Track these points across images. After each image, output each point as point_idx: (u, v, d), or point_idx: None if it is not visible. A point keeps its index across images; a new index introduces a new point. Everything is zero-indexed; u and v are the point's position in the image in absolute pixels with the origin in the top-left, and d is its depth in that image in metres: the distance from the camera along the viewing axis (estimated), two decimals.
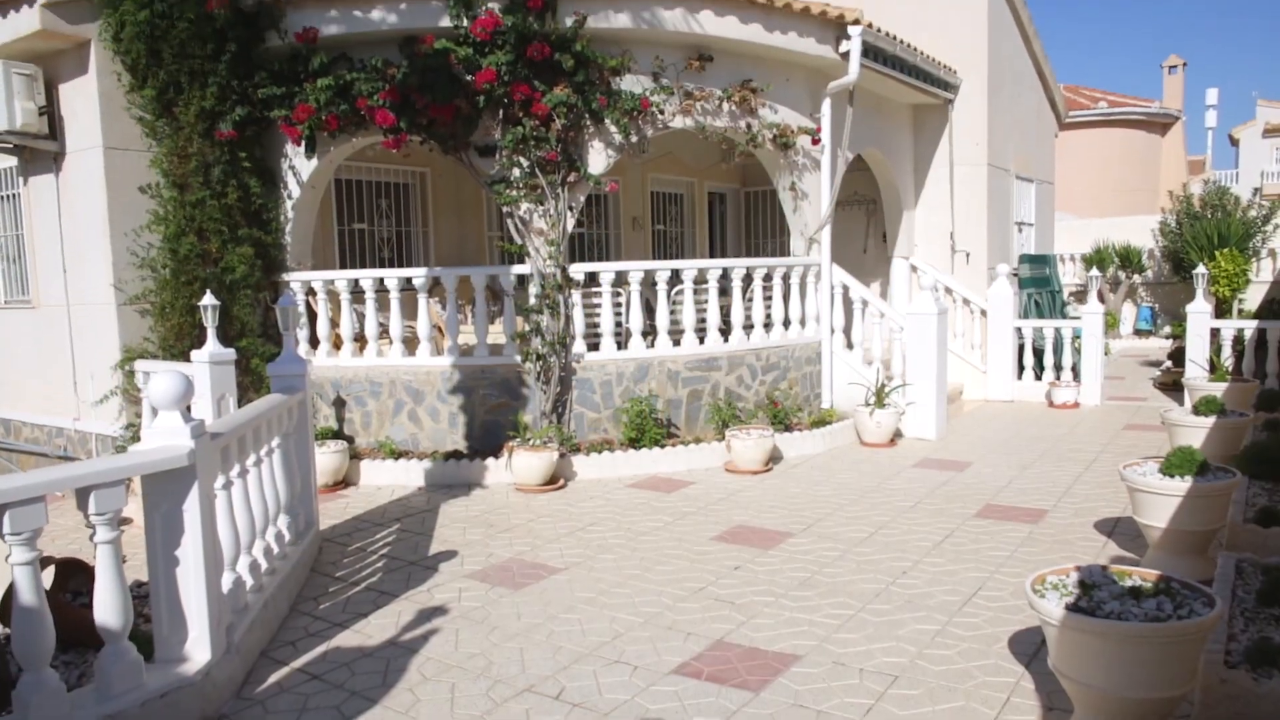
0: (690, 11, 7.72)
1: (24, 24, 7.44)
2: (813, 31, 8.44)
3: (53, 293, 8.52)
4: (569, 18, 7.38)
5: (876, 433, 8.47)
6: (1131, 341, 18.35)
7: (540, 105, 7.35)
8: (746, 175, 14.23)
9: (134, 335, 7.88)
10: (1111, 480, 6.84)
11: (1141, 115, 27.41)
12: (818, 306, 9.20)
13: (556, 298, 7.66)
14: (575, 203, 7.82)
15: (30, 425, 9.10)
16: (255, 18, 7.69)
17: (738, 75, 8.27)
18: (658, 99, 7.83)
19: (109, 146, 7.74)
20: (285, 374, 5.41)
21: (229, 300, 7.64)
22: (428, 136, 7.59)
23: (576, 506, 6.59)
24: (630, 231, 12.56)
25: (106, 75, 7.68)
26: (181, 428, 3.53)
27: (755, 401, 8.49)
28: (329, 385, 7.98)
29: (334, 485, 7.27)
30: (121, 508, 3.35)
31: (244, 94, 7.69)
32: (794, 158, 8.87)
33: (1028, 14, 12.61)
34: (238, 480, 4.23)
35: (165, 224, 7.66)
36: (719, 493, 6.89)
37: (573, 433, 7.73)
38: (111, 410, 7.94)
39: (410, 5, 7.40)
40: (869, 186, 12.07)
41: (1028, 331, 11.02)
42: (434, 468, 7.33)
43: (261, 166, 8.04)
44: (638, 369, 7.93)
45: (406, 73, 7.31)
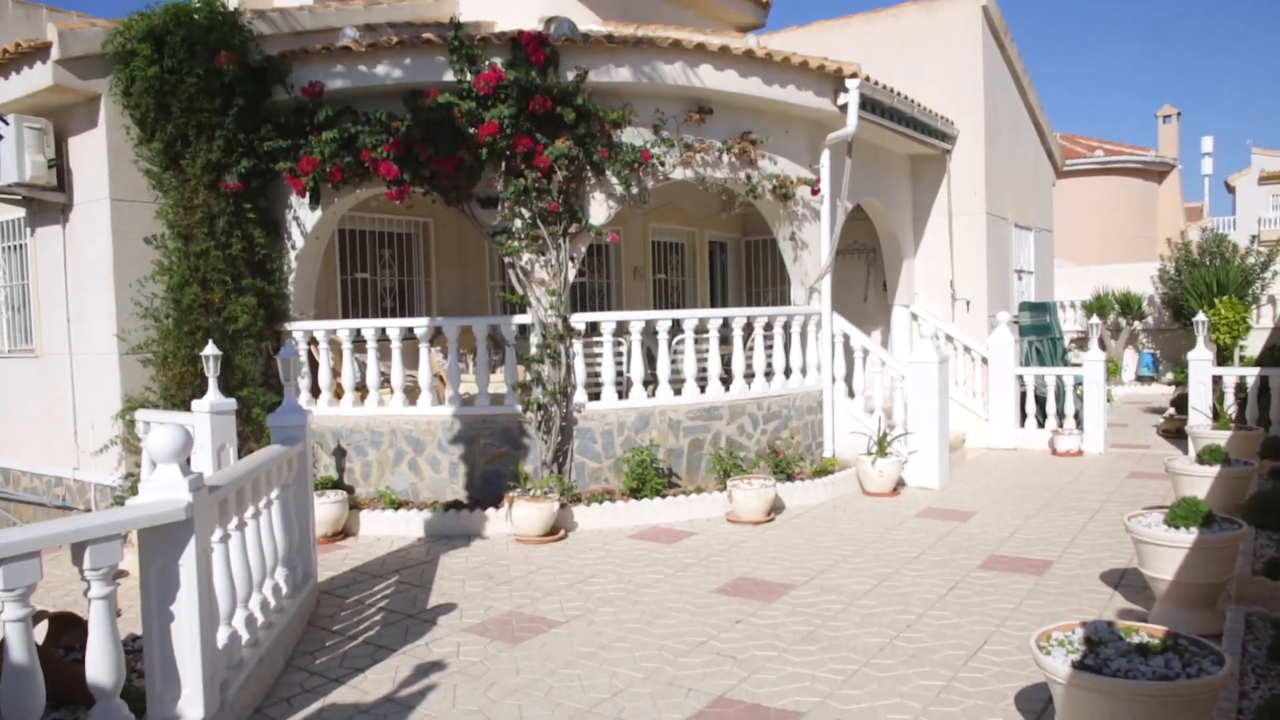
0: (690, 66, 7.85)
1: (37, 79, 7.56)
2: (811, 85, 8.57)
3: (56, 342, 8.55)
4: (571, 72, 7.51)
5: (879, 482, 8.42)
6: (1134, 388, 18.32)
7: (542, 157, 7.44)
8: (747, 224, 14.35)
9: (136, 385, 7.89)
10: (1117, 530, 6.79)
11: (1137, 163, 27.71)
12: (819, 355, 9.21)
13: (558, 347, 7.68)
14: (576, 253, 7.88)
15: (29, 474, 9.07)
16: (263, 73, 7.83)
17: (737, 127, 8.39)
18: (658, 151, 7.93)
19: (116, 198, 7.82)
20: (286, 425, 5.40)
21: (231, 350, 7.67)
22: (431, 188, 7.67)
23: (577, 558, 6.53)
24: (631, 281, 12.63)
25: (116, 129, 7.79)
26: (180, 481, 3.52)
27: (757, 451, 8.46)
28: (330, 434, 7.97)
29: (333, 536, 7.22)
30: (117, 563, 3.32)
31: (250, 146, 7.80)
32: (794, 208, 8.95)
33: (1022, 65, 12.81)
34: (235, 533, 4.20)
35: (169, 274, 7.72)
36: (720, 544, 6.83)
37: (574, 483, 7.69)
38: (111, 460, 7.92)
39: (415, 60, 7.53)
40: (869, 235, 12.16)
41: (1029, 379, 11.01)
42: (434, 518, 7.29)
43: (266, 217, 8.12)
44: (639, 418, 7.92)
45: (410, 126, 7.42)
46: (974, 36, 11.36)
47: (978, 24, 11.33)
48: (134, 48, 7.44)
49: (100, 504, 8.17)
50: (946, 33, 11.50)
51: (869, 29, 12.05)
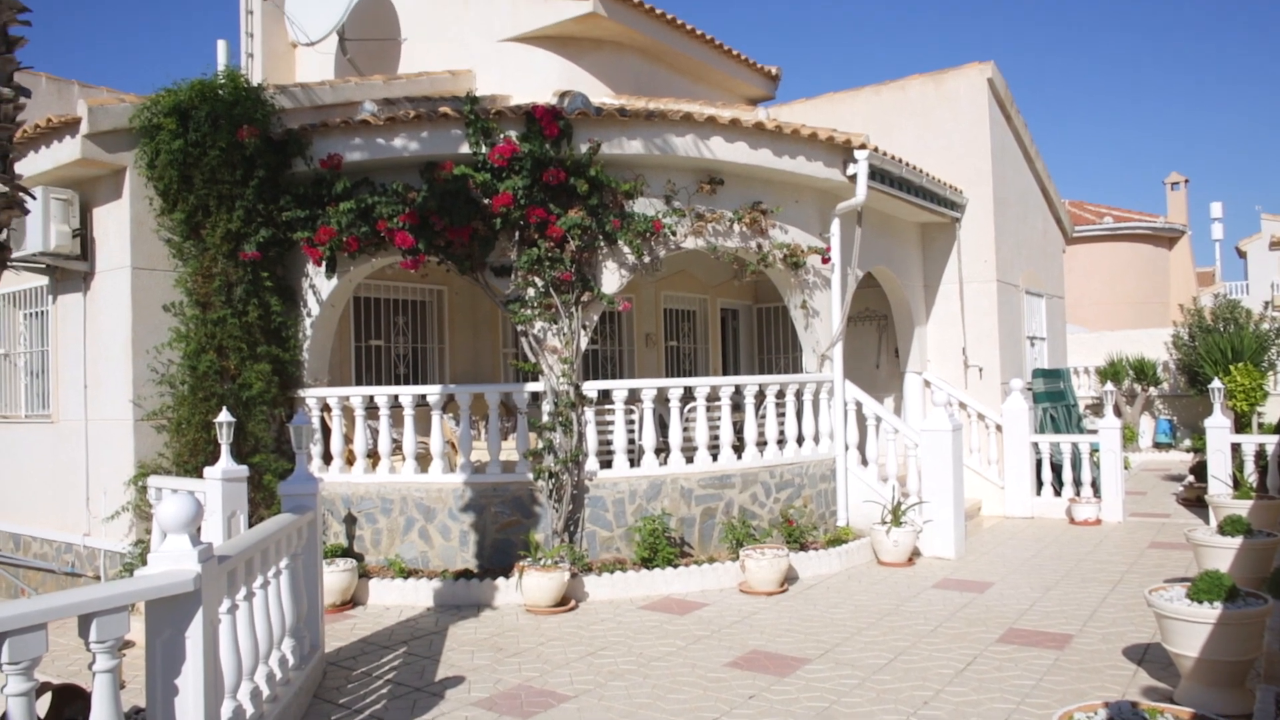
0: (701, 138, 8.00)
1: (65, 153, 7.76)
2: (820, 156, 8.70)
3: (72, 408, 8.61)
4: (584, 144, 7.66)
5: (894, 552, 8.30)
6: (1151, 455, 18.12)
7: (555, 227, 7.55)
8: (759, 291, 14.44)
9: (149, 451, 7.91)
10: (1139, 602, 6.64)
11: (1147, 230, 27.83)
12: (831, 423, 9.17)
13: (570, 415, 7.68)
14: (589, 321, 7.93)
15: (39, 540, 9.05)
16: (284, 145, 8.02)
17: (748, 197, 8.50)
18: (670, 221, 8.03)
19: (137, 266, 7.96)
20: (297, 493, 5.40)
21: (245, 416, 7.70)
22: (445, 257, 7.77)
23: (588, 629, 6.43)
24: (643, 348, 12.68)
25: (139, 199, 7.96)
26: (189, 552, 3.51)
27: (769, 519, 8.38)
28: (340, 501, 7.94)
29: (341, 605, 7.14)
30: (124, 635, 3.29)
31: (269, 216, 7.95)
32: (805, 276, 9.01)
33: (1028, 135, 12.99)
34: (243, 604, 4.17)
35: (186, 341, 7.80)
36: (733, 615, 6.72)
37: (585, 551, 7.62)
38: (122, 526, 7.91)
39: (431, 133, 7.71)
40: (880, 302, 12.21)
41: (1044, 446, 10.92)
42: (443, 587, 7.21)
43: (283, 285, 8.23)
44: (650, 487, 7.87)
45: (426, 196, 7.56)
46: (980, 108, 11.55)
47: (983, 96, 11.53)
48: (160, 122, 7.65)
49: (109, 571, 8.13)
50: (953, 104, 11.70)
51: (877, 100, 12.27)
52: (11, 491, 9.29)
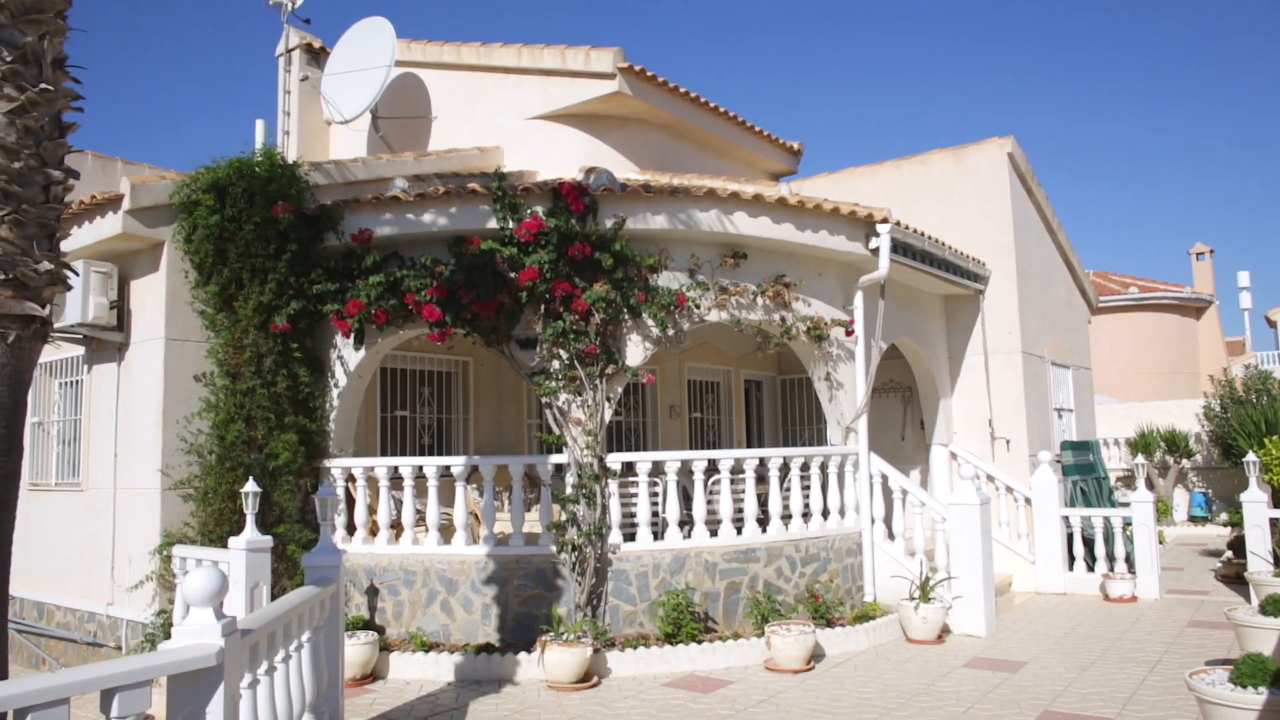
0: (724, 213, 8.12)
1: (107, 228, 8.01)
2: (842, 230, 8.79)
3: (102, 477, 8.70)
4: (609, 219, 7.79)
5: (923, 629, 8.12)
6: (1187, 529, 17.71)
7: (580, 301, 7.64)
8: (782, 363, 14.45)
9: (175, 520, 7.95)
10: (1179, 684, 6.42)
11: (1173, 300, 27.66)
12: (856, 496, 9.08)
13: (593, 487, 7.66)
14: (613, 393, 7.97)
15: (63, 609, 9.07)
16: (316, 220, 8.23)
17: (771, 271, 8.58)
18: (694, 294, 8.11)
19: (170, 338, 8.11)
20: (320, 565, 5.40)
21: (270, 486, 7.75)
22: (471, 330, 7.87)
23: (610, 707, 6.31)
24: (667, 419, 12.67)
25: (175, 272, 8.15)
26: (213, 625, 3.51)
27: (795, 594, 8.25)
28: (363, 572, 7.92)
29: (362, 678, 7.07)
30: (146, 710, 3.28)
31: (300, 289, 8.11)
32: (828, 349, 9.02)
33: (1050, 207, 13.06)
34: (265, 678, 4.14)
35: (215, 411, 7.91)
36: (759, 694, 6.57)
37: (607, 626, 7.51)
38: (145, 596, 7.91)
39: (460, 209, 7.89)
40: (905, 374, 12.17)
41: (1075, 520, 10.72)
42: (464, 662, 7.12)
43: (311, 356, 8.35)
44: (674, 560, 7.79)
45: (454, 270, 7.70)
46: (1001, 182, 11.66)
47: (1004, 170, 11.65)
48: (198, 198, 7.88)
49: (130, 641, 8.11)
50: (974, 178, 11.82)
51: (898, 175, 12.43)
52: (39, 560, 9.34)
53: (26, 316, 3.79)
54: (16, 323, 3.75)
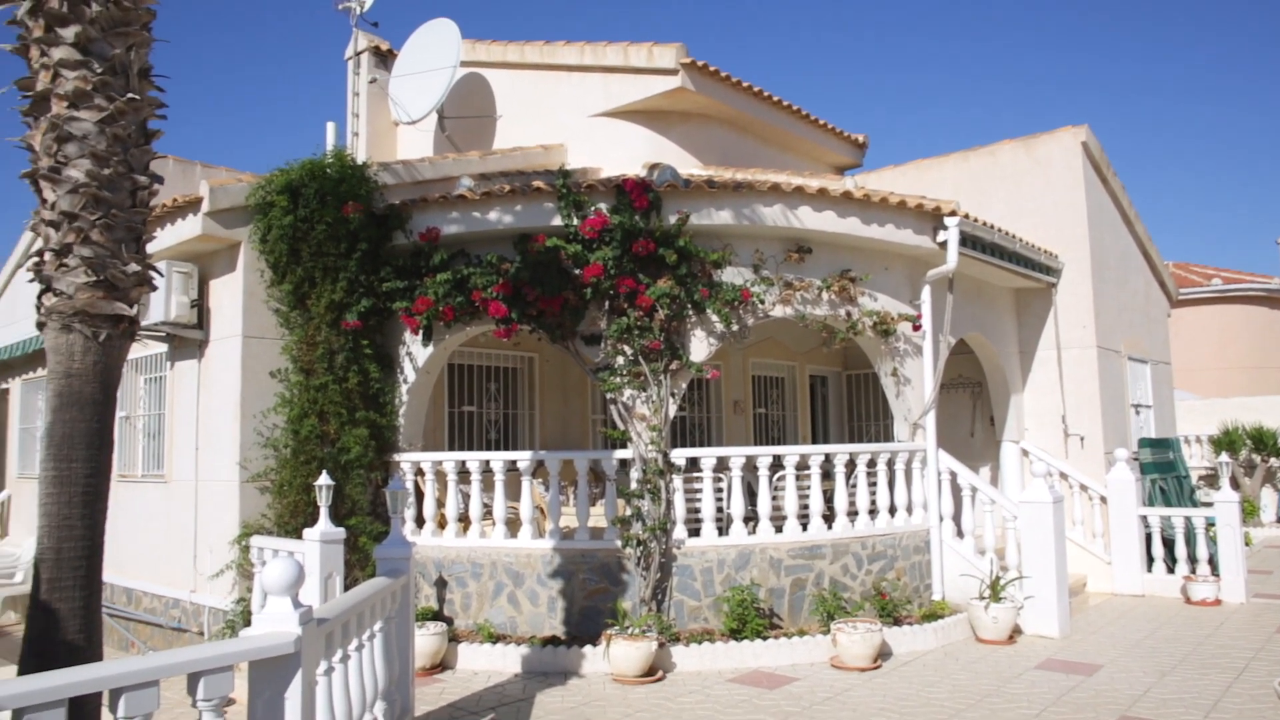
0: (789, 208, 8.06)
1: (188, 230, 8.30)
2: (909, 223, 8.66)
3: (184, 469, 9.03)
4: (673, 215, 7.80)
5: (993, 629, 7.97)
6: (1275, 530, 17.02)
7: (644, 297, 7.67)
8: (848, 358, 14.29)
9: (253, 511, 8.22)
10: (1268, 692, 6.20)
11: (1260, 291, 26.55)
12: (924, 493, 8.94)
13: (658, 483, 7.69)
14: (677, 389, 7.98)
15: (150, 595, 9.43)
16: (385, 219, 8.41)
17: (836, 265, 8.49)
18: (758, 289, 8.07)
19: (247, 335, 8.37)
20: (391, 557, 5.53)
21: (342, 479, 7.95)
22: (537, 326, 7.96)
23: (675, 701, 6.33)
24: (732, 415, 12.64)
25: (251, 272, 8.42)
26: (290, 614, 3.62)
27: (861, 592, 8.16)
28: (431, 565, 8.08)
29: (431, 668, 7.21)
30: (229, 693, 3.41)
31: (370, 287, 8.30)
32: (895, 344, 8.90)
33: (1127, 198, 12.66)
34: (339, 666, 4.26)
35: (290, 406, 8.14)
36: (824, 691, 6.53)
37: (672, 621, 7.54)
38: (225, 584, 8.19)
39: (525, 207, 7.97)
40: (974, 369, 11.93)
41: (1154, 520, 10.39)
42: (531, 654, 7.22)
43: (381, 353, 8.54)
44: (739, 556, 7.78)
45: (519, 268, 7.79)
46: (1074, 172, 11.34)
47: (1078, 159, 11.33)
48: (273, 200, 8.11)
49: (212, 628, 8.40)
50: (1046, 168, 11.52)
51: (966, 166, 12.18)
52: (128, 548, 9.73)
53: (116, 316, 3.95)
54: (107, 322, 3.92)
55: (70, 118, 3.92)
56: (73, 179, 3.90)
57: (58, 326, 3.87)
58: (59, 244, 3.92)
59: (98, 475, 3.90)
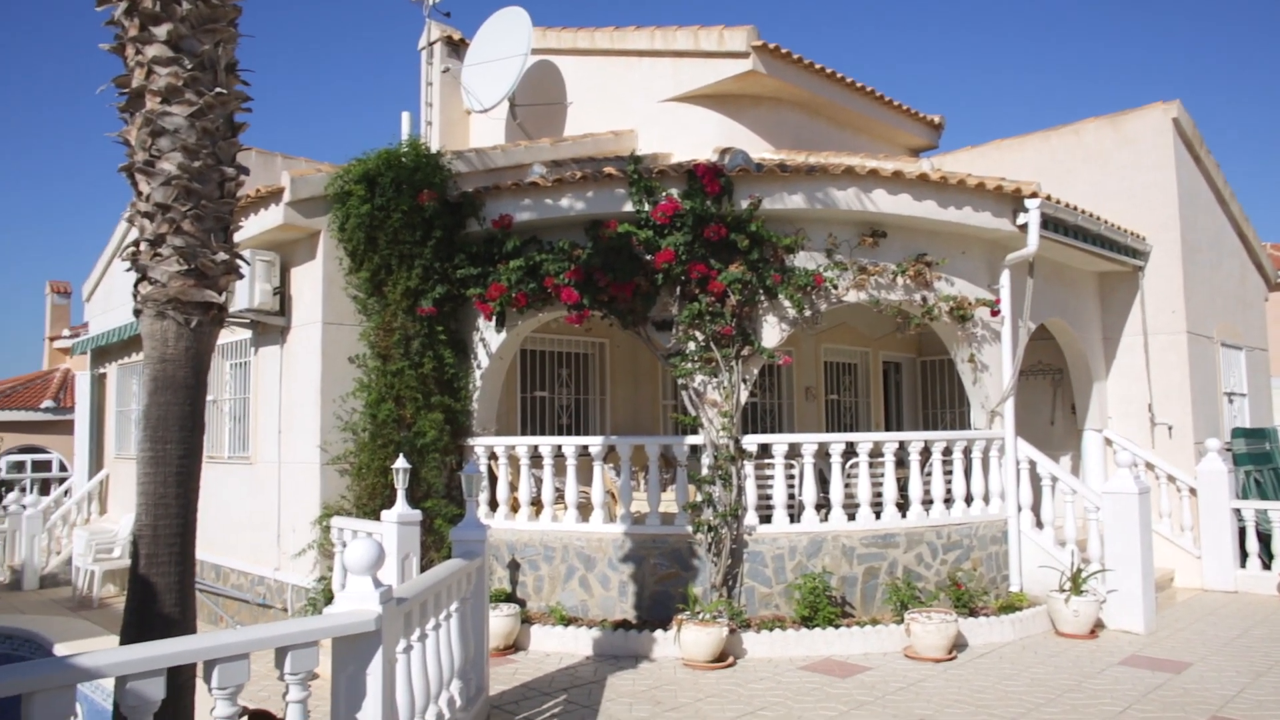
0: (863, 191, 7.93)
1: (270, 219, 8.55)
2: (988, 206, 8.43)
3: (268, 451, 9.34)
4: (744, 200, 7.74)
5: (1074, 623, 7.76)
6: None
7: (716, 283, 7.63)
8: (923, 344, 14.02)
9: (333, 493, 8.46)
10: None
11: None
12: (1002, 482, 8.73)
13: (729, 469, 7.67)
14: (749, 375, 7.94)
15: (237, 572, 9.80)
16: (459, 207, 8.53)
17: (912, 249, 8.32)
18: (831, 275, 7.97)
19: (327, 322, 8.60)
20: (467, 539, 5.63)
21: (418, 463, 8.12)
22: (608, 312, 7.99)
23: (745, 687, 6.33)
24: (803, 401, 12.52)
25: (330, 260, 8.63)
26: (371, 593, 3.72)
27: (936, 582, 8.03)
28: (504, 547, 8.21)
29: (504, 649, 7.34)
30: (314, 668, 3.52)
31: (444, 274, 8.43)
32: (972, 329, 8.69)
33: (1221, 177, 12.12)
34: (417, 644, 4.37)
35: (368, 391, 8.34)
36: (898, 681, 6.45)
37: (743, 607, 7.53)
38: (307, 563, 8.45)
39: (596, 193, 8.00)
40: (1054, 355, 11.59)
41: (1249, 514, 9.97)
42: (602, 637, 7.29)
43: (455, 339, 8.68)
44: (811, 543, 7.72)
45: (591, 254, 7.83)
46: (1164, 150, 10.89)
47: (1168, 137, 10.88)
48: (351, 189, 8.30)
49: (295, 605, 8.69)
50: (1134, 146, 11.09)
51: (1047, 146, 11.80)
52: (216, 526, 10.11)
53: (206, 303, 4.10)
54: (197, 309, 4.07)
55: (163, 113, 4.06)
56: (165, 172, 4.05)
57: (152, 313, 4.03)
58: (153, 234, 4.07)
59: (190, 456, 4.05)
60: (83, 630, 8.85)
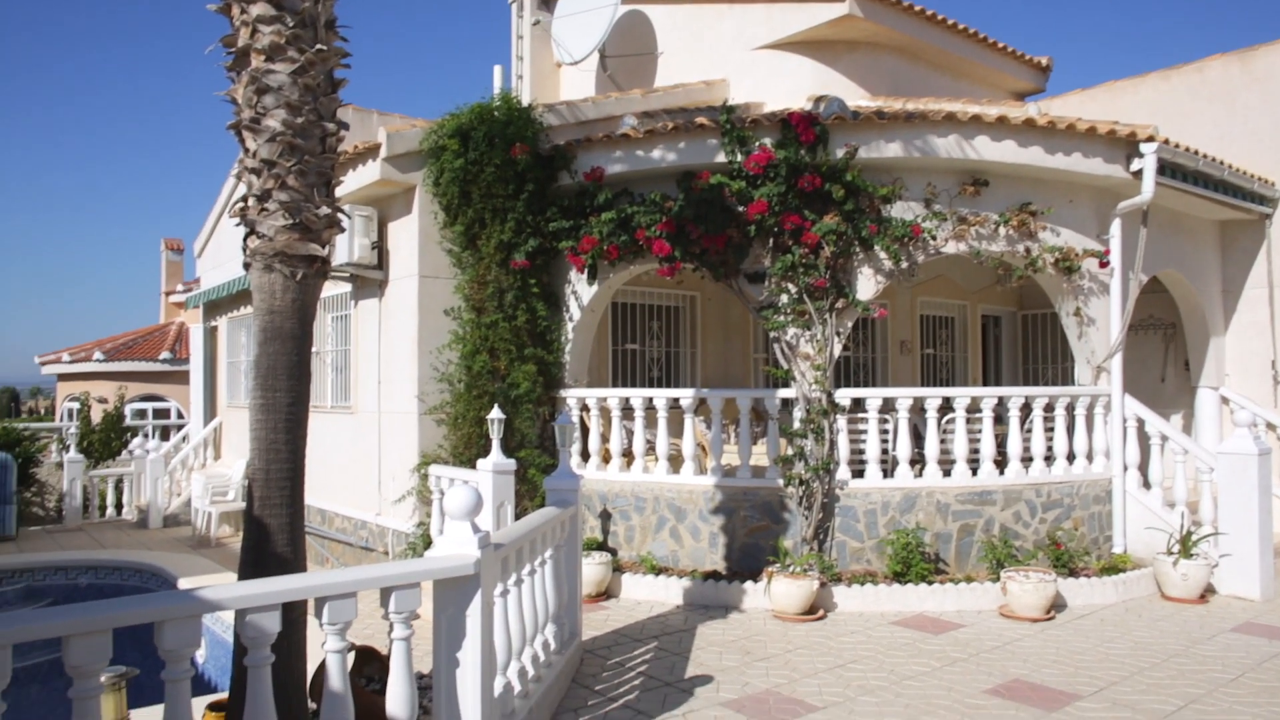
0: (964, 138, 7.63)
1: (368, 175, 8.75)
2: (1099, 151, 8.02)
3: (368, 401, 9.66)
4: (839, 149, 7.55)
5: (1182, 586, 7.47)
6: None
7: (810, 234, 7.49)
8: (1024, 297, 13.53)
9: (430, 442, 8.71)
10: None
11: None
12: (1107, 440, 8.41)
13: (821, 423, 7.60)
14: (842, 328, 7.80)
15: (341, 516, 10.23)
16: (550, 160, 8.56)
17: (1015, 198, 8.00)
18: (929, 225, 7.73)
19: (423, 275, 8.79)
20: (560, 488, 5.73)
21: (512, 413, 8.29)
22: (700, 264, 7.94)
23: (836, 640, 6.33)
24: (898, 355, 12.27)
25: (426, 214, 8.79)
26: (470, 538, 3.83)
27: (1034, 541, 7.83)
28: (596, 498, 8.34)
29: (596, 596, 7.50)
30: (417, 608, 3.66)
31: (536, 227, 8.50)
32: (1078, 281, 8.33)
33: None
34: (514, 589, 4.49)
35: (463, 343, 8.52)
36: (992, 640, 6.35)
37: (833, 561, 7.50)
38: (406, 509, 8.76)
39: (688, 144, 7.91)
40: (1167, 309, 11.05)
41: None
42: (692, 587, 7.37)
43: (548, 291, 8.77)
44: (904, 499, 7.61)
45: (682, 205, 7.77)
46: None
47: None
48: (445, 143, 8.40)
49: (395, 549, 9.03)
50: (1265, 85, 10.36)
51: (1166, 87, 11.12)
52: (321, 472, 10.56)
53: (310, 256, 4.22)
54: (303, 262, 4.20)
55: (267, 70, 4.17)
56: (270, 128, 4.16)
57: (260, 267, 4.18)
58: (260, 190, 4.20)
59: (298, 403, 4.22)
60: (203, 566, 9.41)
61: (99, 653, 2.78)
